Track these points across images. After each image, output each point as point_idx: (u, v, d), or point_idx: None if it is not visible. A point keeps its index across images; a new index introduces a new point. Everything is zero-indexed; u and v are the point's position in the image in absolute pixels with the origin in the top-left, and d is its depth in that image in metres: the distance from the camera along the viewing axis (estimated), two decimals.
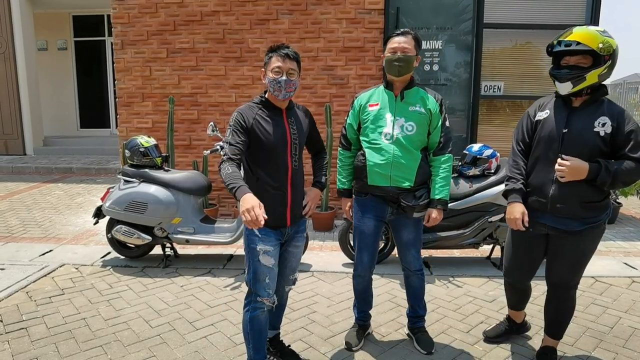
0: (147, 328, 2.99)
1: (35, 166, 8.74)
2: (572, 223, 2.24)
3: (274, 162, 2.24)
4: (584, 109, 2.21)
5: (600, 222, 2.25)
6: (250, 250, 2.25)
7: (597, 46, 2.07)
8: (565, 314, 2.46)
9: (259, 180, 2.23)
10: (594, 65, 2.12)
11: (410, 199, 2.51)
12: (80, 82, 11.24)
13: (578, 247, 2.27)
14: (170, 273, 3.87)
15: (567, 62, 2.19)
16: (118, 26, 5.48)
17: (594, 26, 2.17)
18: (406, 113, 2.50)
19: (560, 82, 2.18)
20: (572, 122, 2.20)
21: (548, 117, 2.28)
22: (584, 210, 2.20)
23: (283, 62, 2.20)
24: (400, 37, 2.46)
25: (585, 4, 5.19)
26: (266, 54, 2.28)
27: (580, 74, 2.12)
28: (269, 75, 2.23)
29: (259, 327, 2.29)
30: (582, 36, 2.09)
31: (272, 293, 2.27)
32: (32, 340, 2.82)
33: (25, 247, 4.49)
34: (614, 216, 5.44)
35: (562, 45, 2.17)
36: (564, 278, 2.36)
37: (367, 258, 2.69)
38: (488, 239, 3.95)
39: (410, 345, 2.78)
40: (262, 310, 2.28)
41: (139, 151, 4.02)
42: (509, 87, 5.39)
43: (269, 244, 2.23)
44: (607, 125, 2.14)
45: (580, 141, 2.16)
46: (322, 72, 5.35)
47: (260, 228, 1.95)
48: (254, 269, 2.24)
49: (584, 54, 2.14)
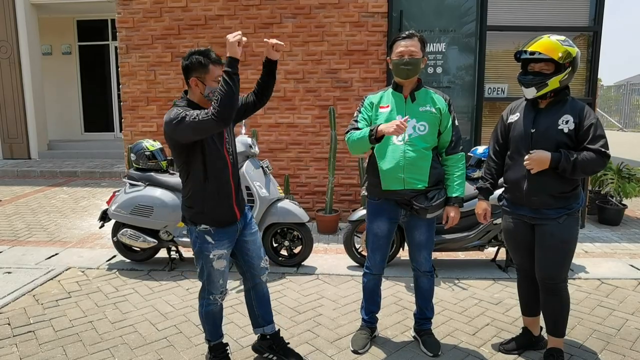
0: (154, 331, 3.00)
1: (40, 170, 8.78)
2: (547, 212, 2.42)
3: (215, 161, 2.26)
4: (549, 109, 2.41)
5: (574, 210, 2.42)
6: (203, 257, 2.34)
7: (557, 55, 2.28)
8: (559, 309, 2.51)
9: (207, 179, 2.25)
10: (555, 72, 2.32)
11: (423, 200, 2.52)
12: (84, 86, 11.30)
13: (558, 233, 2.41)
14: (175, 276, 3.88)
15: (533, 68, 2.40)
16: (123, 30, 5.51)
17: (556, 36, 2.34)
18: (417, 114, 2.51)
19: (526, 88, 2.40)
20: (538, 122, 2.41)
21: (518, 119, 2.50)
22: (556, 200, 2.39)
23: (221, 69, 2.20)
24: (408, 41, 2.47)
25: (588, 5, 5.19)
26: (196, 61, 2.22)
27: (543, 80, 2.33)
28: (210, 84, 2.21)
29: (213, 317, 2.49)
30: (544, 46, 2.30)
31: (224, 290, 2.46)
32: (40, 343, 2.84)
33: (31, 250, 4.51)
34: (619, 218, 5.43)
35: (527, 53, 2.37)
36: (550, 270, 2.46)
37: (379, 258, 2.72)
38: (493, 241, 3.94)
39: (416, 348, 2.78)
40: (215, 304, 2.46)
41: (144, 155, 4.04)
42: (513, 89, 5.39)
43: (223, 247, 2.34)
44: (570, 122, 2.34)
45: (547, 139, 2.36)
46: (325, 75, 5.37)
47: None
48: (208, 273, 2.36)
49: (546, 61, 2.34)
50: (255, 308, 2.61)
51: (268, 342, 2.63)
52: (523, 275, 2.71)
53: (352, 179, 5.50)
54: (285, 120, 5.51)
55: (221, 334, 2.56)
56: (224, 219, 2.32)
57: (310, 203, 5.54)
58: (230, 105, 2.03)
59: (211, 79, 2.22)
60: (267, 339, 2.64)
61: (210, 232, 2.29)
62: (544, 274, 2.49)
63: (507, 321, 3.12)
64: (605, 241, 4.79)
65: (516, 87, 5.42)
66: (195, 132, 2.10)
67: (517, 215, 2.55)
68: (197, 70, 2.23)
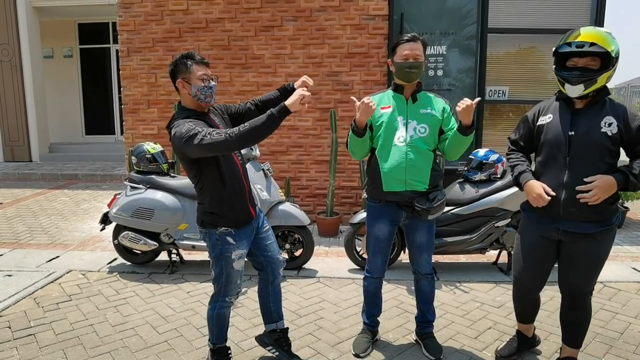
0: (155, 334, 2.99)
1: (41, 172, 8.79)
2: (586, 226, 2.19)
3: (228, 163, 2.28)
4: (588, 110, 2.18)
5: (613, 225, 2.23)
6: (224, 259, 2.33)
7: (611, 48, 2.04)
8: (583, 321, 2.40)
9: (224, 184, 2.26)
10: (602, 68, 2.09)
11: (425, 202, 2.52)
12: (85, 89, 11.31)
13: (594, 251, 2.23)
14: (176, 279, 3.87)
15: (575, 64, 2.14)
16: (124, 33, 5.52)
17: (600, 28, 2.15)
18: (418, 115, 2.51)
19: (572, 85, 2.12)
20: (577, 124, 2.17)
21: (552, 121, 2.25)
22: (597, 213, 2.17)
23: (206, 69, 2.24)
24: (412, 44, 2.47)
25: (589, 7, 5.20)
26: (180, 63, 2.23)
27: (593, 77, 2.08)
28: (196, 83, 2.21)
29: (223, 320, 2.48)
30: (597, 37, 2.05)
31: (240, 290, 2.46)
32: (41, 346, 2.83)
33: (32, 253, 4.50)
34: (621, 221, 5.41)
35: (572, 46, 2.10)
36: (581, 285, 2.31)
37: (381, 261, 2.71)
38: (495, 244, 3.93)
39: (418, 351, 2.77)
40: (228, 307, 2.46)
41: (145, 158, 4.04)
42: (514, 92, 5.39)
43: (242, 247, 2.36)
44: (613, 125, 2.12)
45: (588, 142, 2.12)
46: (326, 78, 5.37)
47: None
48: (227, 274, 2.36)
49: (594, 55, 2.09)
50: (272, 303, 2.62)
51: (276, 335, 2.64)
52: (522, 291, 2.53)
53: (353, 182, 5.49)
54: (286, 123, 5.45)
55: (226, 337, 2.56)
56: (242, 219, 2.34)
57: (311, 206, 5.53)
58: (252, 139, 2.05)
59: (195, 78, 2.22)
60: (276, 332, 2.64)
61: (231, 234, 2.30)
62: (572, 289, 2.33)
63: (509, 324, 3.10)
64: None
65: (517, 90, 5.43)
66: (205, 151, 2.08)
67: (544, 229, 2.30)
68: (181, 72, 2.25)
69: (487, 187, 3.87)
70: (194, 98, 2.25)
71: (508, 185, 3.82)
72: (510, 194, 3.76)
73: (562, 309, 2.44)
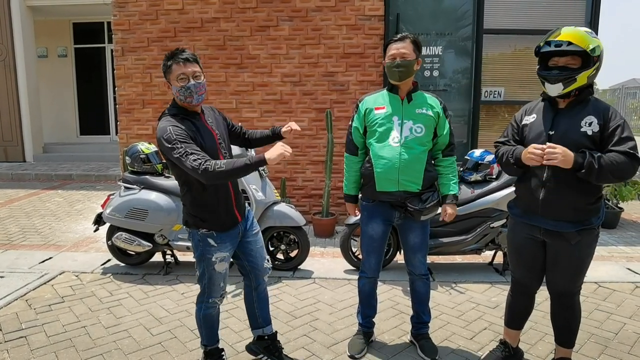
0: (148, 336, 2.96)
1: (35, 173, 8.72)
2: (564, 225, 2.19)
3: None
4: (570, 110, 2.19)
5: (593, 226, 2.20)
6: (205, 260, 2.31)
7: (589, 47, 2.04)
8: (574, 320, 2.42)
9: (206, 189, 2.21)
10: (583, 67, 2.09)
11: (417, 202, 2.51)
12: (80, 88, 11.24)
13: (574, 254, 2.23)
14: (170, 280, 3.85)
15: (556, 63, 2.15)
16: (119, 33, 5.49)
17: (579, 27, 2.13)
18: (414, 115, 2.50)
19: (551, 84, 2.14)
20: (558, 124, 2.18)
21: (535, 121, 2.27)
22: (575, 212, 2.17)
23: (185, 67, 2.16)
24: (399, 43, 2.47)
25: (584, 9, 5.22)
26: (163, 64, 2.21)
27: (571, 75, 2.09)
28: (175, 85, 2.17)
29: (211, 321, 2.46)
30: (573, 36, 2.05)
31: (224, 293, 2.43)
32: (32, 349, 2.79)
33: (25, 254, 4.46)
34: (615, 221, 5.43)
35: (551, 45, 2.11)
36: (566, 286, 2.33)
37: (375, 260, 2.70)
38: (490, 245, 3.93)
39: (413, 352, 2.76)
40: (214, 308, 2.43)
41: (139, 158, 4.01)
42: (510, 93, 5.40)
43: (225, 250, 2.32)
44: (593, 123, 2.11)
45: (567, 142, 2.10)
46: (322, 78, 5.36)
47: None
48: (209, 276, 2.34)
49: (573, 54, 2.10)
50: (257, 309, 2.59)
51: (265, 343, 2.61)
52: (519, 290, 2.53)
53: None
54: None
55: (217, 339, 2.54)
56: (226, 222, 2.31)
57: (307, 206, 5.52)
58: (224, 179, 2.10)
59: (173, 79, 2.17)
60: (264, 340, 2.62)
61: (212, 235, 2.27)
62: (559, 290, 2.35)
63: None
64: (602, 244, 4.78)
65: (513, 90, 5.45)
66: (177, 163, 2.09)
67: (528, 227, 2.32)
68: (165, 73, 2.22)
69: (483, 188, 3.88)
70: (179, 97, 2.21)
71: (504, 186, 3.83)
72: (506, 194, 3.76)
73: (552, 309, 2.46)
